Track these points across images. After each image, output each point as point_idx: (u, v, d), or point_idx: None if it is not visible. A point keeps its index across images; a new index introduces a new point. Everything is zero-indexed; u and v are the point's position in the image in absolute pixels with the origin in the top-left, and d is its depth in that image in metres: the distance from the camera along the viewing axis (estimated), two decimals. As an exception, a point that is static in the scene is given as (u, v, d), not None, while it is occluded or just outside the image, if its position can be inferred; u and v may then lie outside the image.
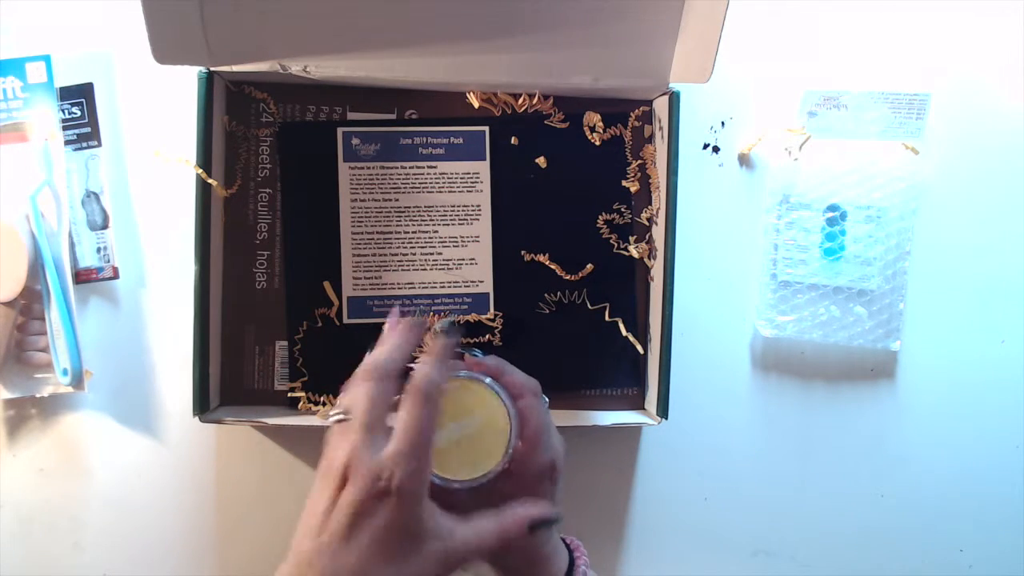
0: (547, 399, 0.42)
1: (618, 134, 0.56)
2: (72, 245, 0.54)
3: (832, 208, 0.58)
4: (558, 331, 0.56)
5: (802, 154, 0.58)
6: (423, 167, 0.55)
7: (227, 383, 0.54)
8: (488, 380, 0.40)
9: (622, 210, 0.56)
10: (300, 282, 0.54)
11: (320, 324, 0.54)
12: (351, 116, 0.55)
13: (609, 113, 0.55)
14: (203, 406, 0.50)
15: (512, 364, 0.42)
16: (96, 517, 0.56)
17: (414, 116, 0.55)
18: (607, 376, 0.56)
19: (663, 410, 0.52)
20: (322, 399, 0.54)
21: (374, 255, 0.55)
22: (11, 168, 0.53)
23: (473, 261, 0.55)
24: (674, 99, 0.51)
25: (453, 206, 0.55)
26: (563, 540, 0.44)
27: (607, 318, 0.56)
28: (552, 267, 0.55)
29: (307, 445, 0.56)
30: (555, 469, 0.41)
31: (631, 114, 0.56)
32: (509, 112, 0.55)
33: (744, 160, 0.59)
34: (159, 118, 0.55)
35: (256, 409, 0.53)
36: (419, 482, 0.34)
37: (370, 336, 0.39)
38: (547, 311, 0.56)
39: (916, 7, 0.59)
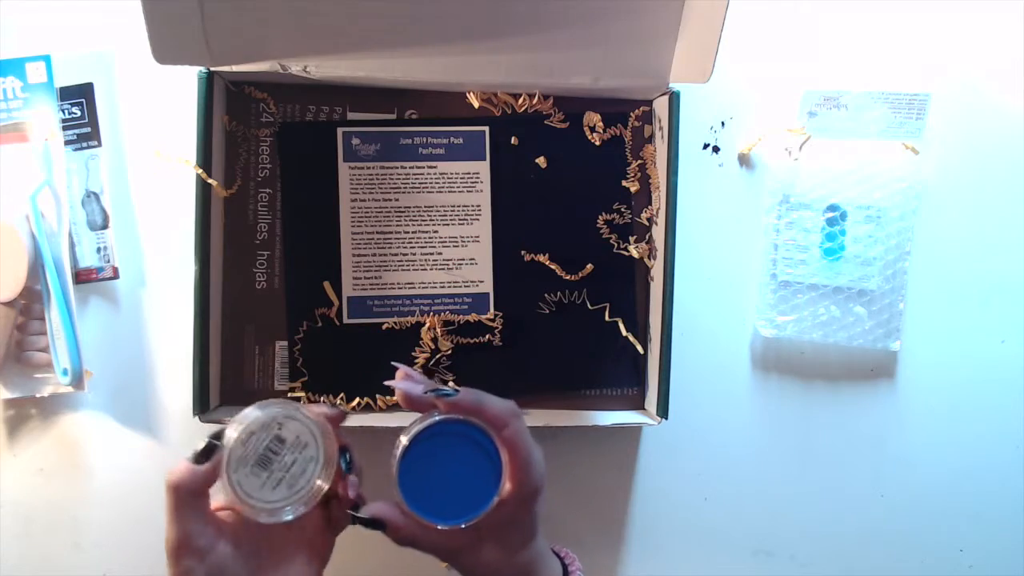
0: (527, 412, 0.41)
1: (618, 134, 0.56)
2: (72, 245, 0.54)
3: (832, 208, 0.58)
4: (558, 331, 0.56)
5: (802, 154, 0.58)
6: (423, 167, 0.55)
7: (227, 383, 0.54)
8: (463, 419, 0.39)
9: (622, 210, 0.56)
10: (300, 282, 0.54)
11: (320, 324, 0.54)
12: (351, 116, 0.55)
13: (609, 113, 0.55)
14: (203, 406, 0.50)
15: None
16: (96, 517, 0.56)
17: (414, 116, 0.55)
18: (607, 376, 0.56)
19: (663, 410, 0.52)
20: (322, 399, 0.54)
21: (374, 255, 0.55)
22: (11, 168, 0.53)
23: (473, 261, 0.55)
24: (674, 99, 0.51)
25: (453, 206, 0.55)
26: (553, 551, 0.44)
27: (607, 318, 0.56)
28: (552, 267, 0.55)
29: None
30: (542, 488, 0.40)
31: (631, 114, 0.56)
32: (509, 112, 0.55)
33: (744, 160, 0.59)
34: (159, 118, 0.55)
35: (256, 409, 0.53)
36: None
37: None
38: (547, 311, 0.56)
39: (916, 7, 0.59)
